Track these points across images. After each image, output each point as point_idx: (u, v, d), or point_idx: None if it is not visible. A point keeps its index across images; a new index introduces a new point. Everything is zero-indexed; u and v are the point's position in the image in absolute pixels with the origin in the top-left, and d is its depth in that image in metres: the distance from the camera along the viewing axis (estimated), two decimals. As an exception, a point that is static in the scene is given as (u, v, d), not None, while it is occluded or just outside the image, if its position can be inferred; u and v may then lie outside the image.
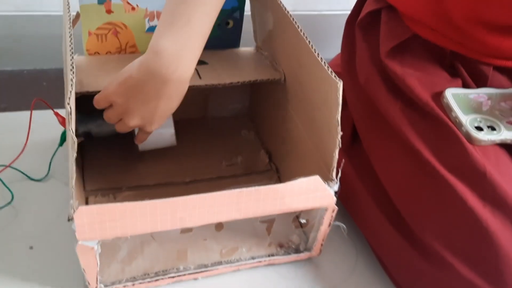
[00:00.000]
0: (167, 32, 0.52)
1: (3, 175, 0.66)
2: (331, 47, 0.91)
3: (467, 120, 0.56)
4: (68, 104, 0.40)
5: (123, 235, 0.49)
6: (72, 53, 0.44)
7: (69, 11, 0.50)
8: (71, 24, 0.49)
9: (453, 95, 0.59)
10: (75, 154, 0.43)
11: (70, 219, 0.46)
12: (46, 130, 0.70)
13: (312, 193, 0.52)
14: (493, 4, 0.55)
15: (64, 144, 0.69)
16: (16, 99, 0.85)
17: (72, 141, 0.42)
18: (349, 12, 0.75)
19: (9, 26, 0.86)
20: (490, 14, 0.55)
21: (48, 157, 0.70)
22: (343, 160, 0.54)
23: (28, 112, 0.74)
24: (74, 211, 0.46)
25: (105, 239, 0.49)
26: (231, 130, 0.79)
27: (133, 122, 0.56)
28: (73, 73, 0.42)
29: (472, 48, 0.59)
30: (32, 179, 0.68)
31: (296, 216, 0.63)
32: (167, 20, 0.53)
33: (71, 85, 0.41)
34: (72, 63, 0.43)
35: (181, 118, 0.68)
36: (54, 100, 0.69)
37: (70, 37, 0.46)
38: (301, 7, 0.99)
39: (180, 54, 0.52)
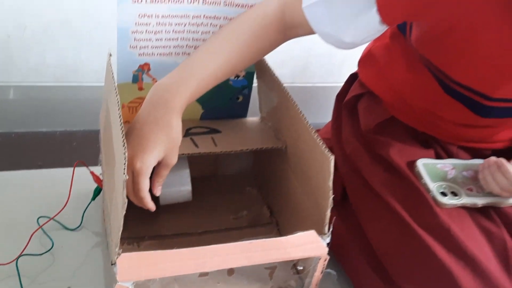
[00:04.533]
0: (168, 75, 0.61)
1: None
2: (324, 114, 1.05)
3: (434, 187, 0.69)
4: (124, 174, 0.52)
5: (155, 277, 0.60)
6: (123, 132, 0.56)
7: (116, 94, 0.62)
8: (119, 106, 0.61)
9: (424, 165, 0.71)
10: (124, 212, 0.54)
11: (113, 263, 0.57)
12: (79, 185, 0.81)
13: (309, 245, 0.64)
14: (444, 109, 0.69)
15: (96, 198, 0.80)
16: (50, 157, 0.97)
17: (123, 202, 0.53)
18: (340, 85, 0.89)
19: (46, 94, 1.00)
20: (445, 115, 0.69)
21: (81, 209, 0.80)
22: (334, 217, 0.66)
23: (63, 169, 0.86)
24: (117, 257, 0.56)
25: (139, 280, 0.59)
26: (237, 186, 0.91)
27: (134, 159, 0.57)
28: (125, 148, 0.54)
29: (438, 132, 0.73)
30: (67, 229, 0.79)
31: (294, 264, 0.74)
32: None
33: (125, 158, 0.53)
34: (124, 141, 0.55)
35: (195, 175, 0.80)
36: (83, 158, 0.79)
37: (119, 119, 0.58)
38: (298, 80, 1.14)
39: (172, 85, 0.59)
